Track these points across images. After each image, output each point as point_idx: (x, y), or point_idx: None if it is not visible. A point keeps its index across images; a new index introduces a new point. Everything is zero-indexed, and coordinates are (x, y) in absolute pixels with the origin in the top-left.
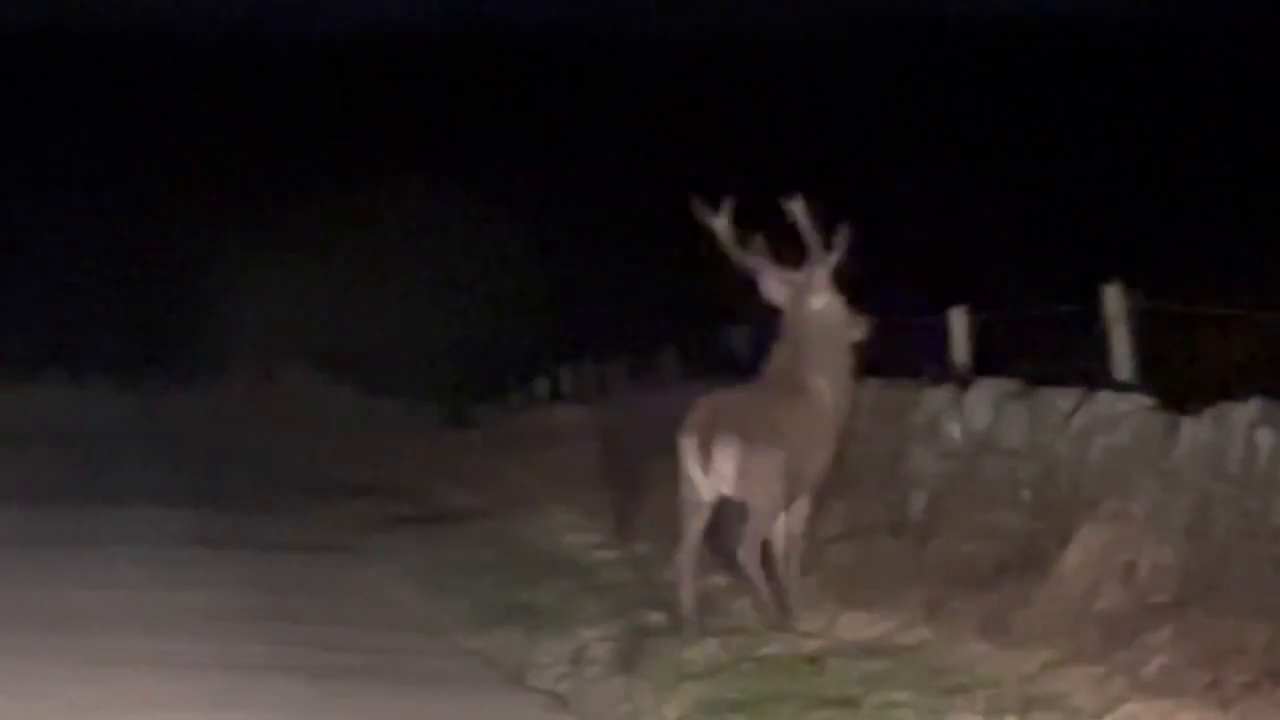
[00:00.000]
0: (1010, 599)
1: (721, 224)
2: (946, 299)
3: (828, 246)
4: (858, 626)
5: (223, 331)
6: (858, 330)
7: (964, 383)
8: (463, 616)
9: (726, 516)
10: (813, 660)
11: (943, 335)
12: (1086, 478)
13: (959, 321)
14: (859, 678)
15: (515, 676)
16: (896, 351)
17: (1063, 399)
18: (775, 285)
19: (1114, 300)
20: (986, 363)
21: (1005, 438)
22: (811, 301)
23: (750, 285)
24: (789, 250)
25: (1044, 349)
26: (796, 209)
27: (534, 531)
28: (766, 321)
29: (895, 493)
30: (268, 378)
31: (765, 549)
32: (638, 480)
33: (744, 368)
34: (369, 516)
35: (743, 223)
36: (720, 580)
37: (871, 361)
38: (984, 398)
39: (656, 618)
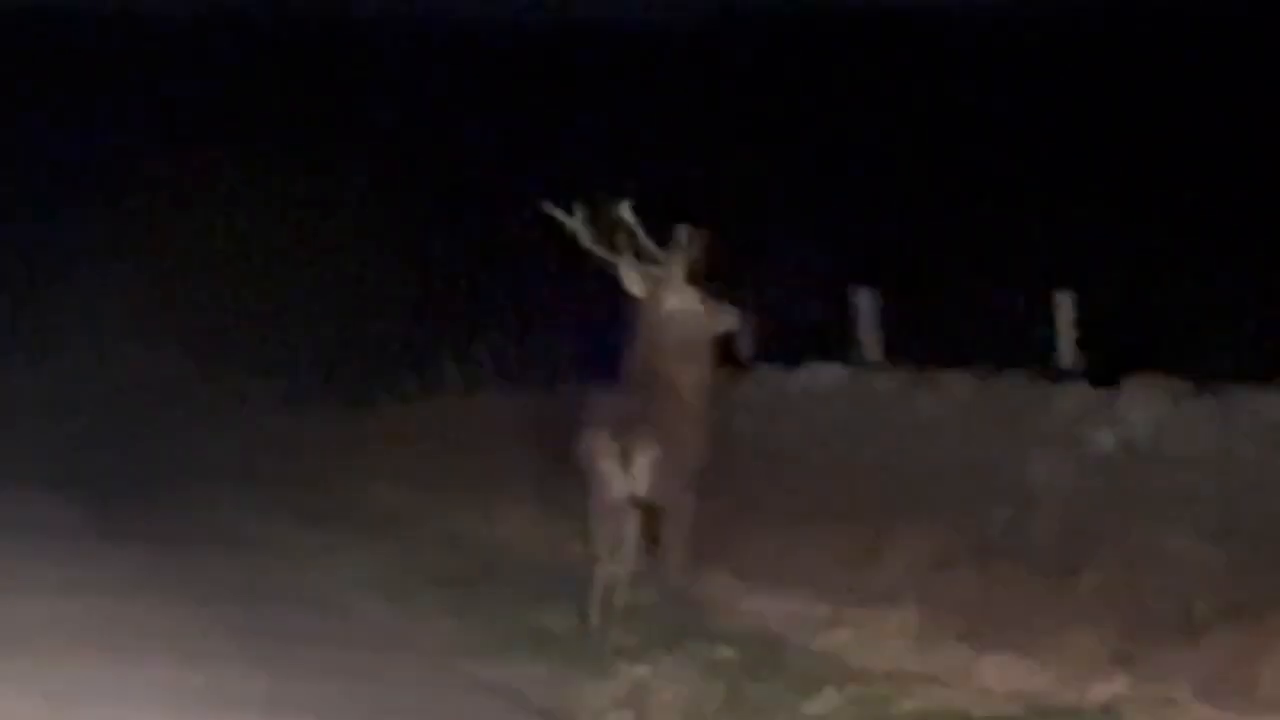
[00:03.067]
0: (1231, 650)
1: (577, 224)
2: (1048, 281)
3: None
4: (1007, 676)
5: (74, 308)
6: (724, 321)
7: (1092, 381)
8: (462, 640)
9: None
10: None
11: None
12: None
13: (1065, 308)
14: None
15: None
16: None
17: (1263, 402)
18: (635, 280)
19: None
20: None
21: (1174, 447)
22: (667, 299)
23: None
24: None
25: (1186, 339)
26: (626, 214)
27: (497, 536)
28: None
29: (1014, 511)
30: (123, 356)
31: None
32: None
33: None
34: (283, 509)
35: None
36: (788, 606)
37: (955, 352)
38: (1142, 398)
39: (724, 652)
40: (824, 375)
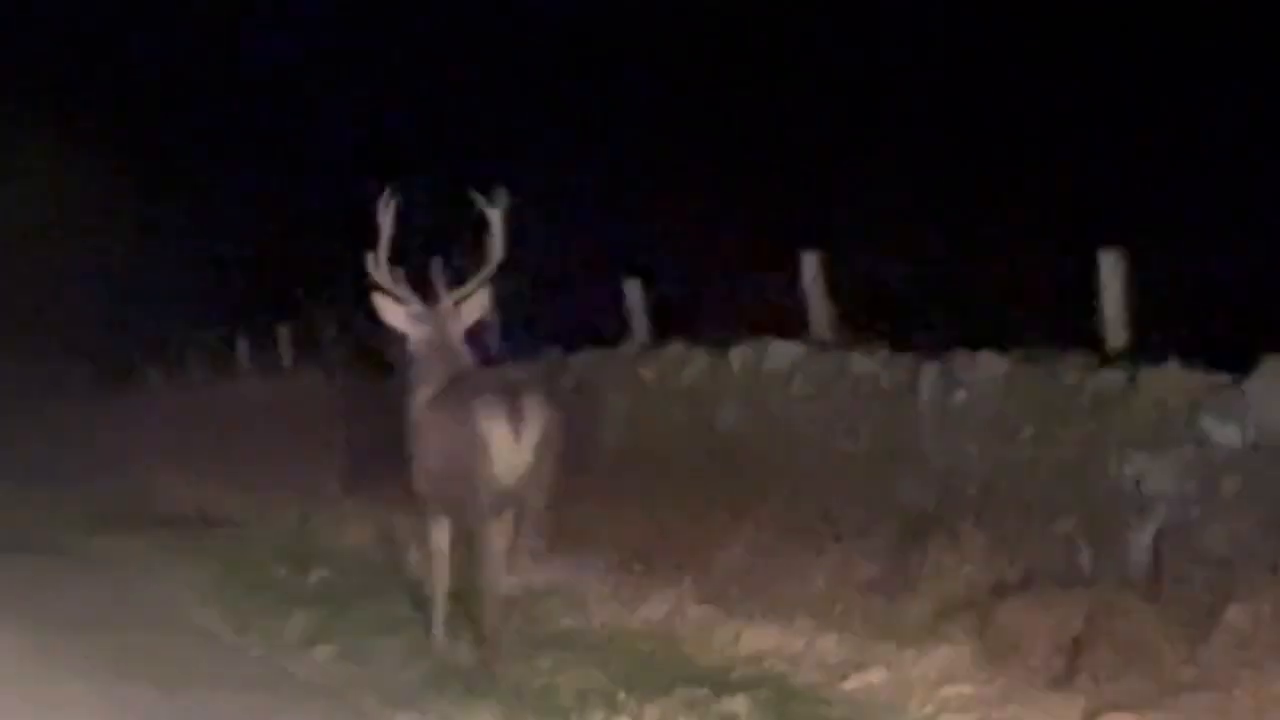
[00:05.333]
0: None
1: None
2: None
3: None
4: None
5: None
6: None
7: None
8: (361, 676)
9: None
10: None
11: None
12: None
13: (1112, 272)
14: None
15: None
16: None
17: None
18: (412, 321)
19: None
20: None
21: None
22: (467, 318)
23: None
24: None
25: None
26: (493, 213)
27: (342, 541)
28: None
29: (1105, 526)
30: None
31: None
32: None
33: None
34: (89, 511)
35: None
36: (789, 640)
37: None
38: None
39: (732, 703)
40: (776, 354)
